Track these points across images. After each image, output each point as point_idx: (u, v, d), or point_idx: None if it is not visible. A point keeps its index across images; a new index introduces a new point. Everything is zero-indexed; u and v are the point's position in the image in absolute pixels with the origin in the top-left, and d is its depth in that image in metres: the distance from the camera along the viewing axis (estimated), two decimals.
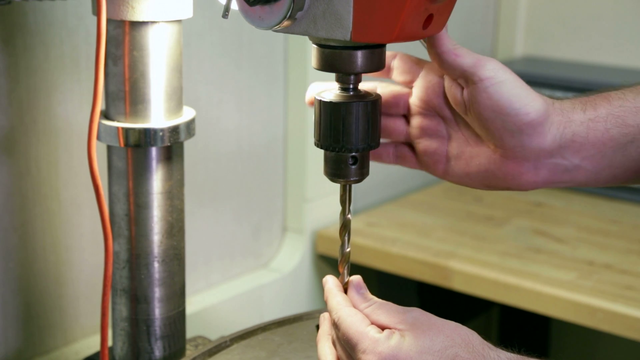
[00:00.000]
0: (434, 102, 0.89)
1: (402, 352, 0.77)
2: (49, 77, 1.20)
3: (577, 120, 0.84)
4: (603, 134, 0.84)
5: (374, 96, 0.84)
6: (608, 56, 2.05)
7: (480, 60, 0.83)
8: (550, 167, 0.85)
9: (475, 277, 1.53)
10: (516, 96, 0.82)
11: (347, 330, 0.80)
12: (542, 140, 0.83)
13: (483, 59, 0.83)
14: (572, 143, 0.84)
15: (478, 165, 0.87)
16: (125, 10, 0.96)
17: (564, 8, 2.12)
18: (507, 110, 0.82)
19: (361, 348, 0.78)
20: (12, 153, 1.18)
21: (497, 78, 0.82)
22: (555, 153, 0.84)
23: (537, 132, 0.83)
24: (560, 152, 0.84)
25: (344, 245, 0.88)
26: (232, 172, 1.54)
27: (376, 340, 0.78)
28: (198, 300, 1.50)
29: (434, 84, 0.88)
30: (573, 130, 0.84)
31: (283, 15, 0.79)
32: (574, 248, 1.63)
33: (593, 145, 0.84)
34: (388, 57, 0.89)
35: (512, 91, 0.82)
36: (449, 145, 0.89)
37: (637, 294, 1.44)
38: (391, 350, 0.77)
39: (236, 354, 1.00)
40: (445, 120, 0.89)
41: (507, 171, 0.86)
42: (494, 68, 0.82)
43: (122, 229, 1.04)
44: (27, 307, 1.24)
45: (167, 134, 1.01)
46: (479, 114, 0.83)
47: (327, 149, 0.84)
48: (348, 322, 0.81)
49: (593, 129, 0.84)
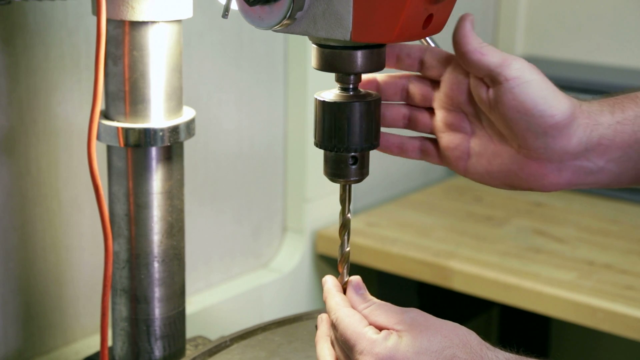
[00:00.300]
0: (459, 98, 0.87)
1: (400, 353, 0.77)
2: (49, 77, 1.20)
3: (605, 123, 0.83)
4: (630, 136, 0.83)
5: (374, 96, 0.84)
6: (608, 56, 2.05)
7: (506, 60, 0.81)
8: (574, 169, 0.84)
9: (475, 277, 1.53)
10: (542, 98, 0.81)
11: (345, 330, 0.80)
12: (567, 142, 0.82)
13: (509, 58, 0.81)
14: (598, 146, 0.83)
15: (500, 164, 0.86)
16: (125, 10, 0.96)
17: (564, 8, 2.12)
18: (532, 111, 0.81)
19: (359, 349, 0.78)
20: (12, 153, 1.18)
21: (523, 78, 0.81)
22: (580, 155, 0.83)
23: (562, 134, 0.82)
24: (586, 155, 0.83)
25: (344, 245, 0.88)
26: (232, 172, 1.54)
27: (373, 341, 0.78)
28: (198, 300, 1.50)
29: (459, 80, 0.87)
30: (600, 133, 0.83)
31: (283, 15, 0.79)
32: (574, 248, 1.63)
33: (619, 148, 0.83)
34: (418, 50, 0.88)
35: (538, 92, 0.81)
36: (472, 142, 0.88)
37: (637, 294, 1.44)
38: (388, 351, 0.77)
39: (236, 354, 1.00)
40: (469, 117, 0.87)
41: (529, 172, 0.84)
42: (520, 67, 0.81)
43: (122, 229, 1.04)
44: (27, 307, 1.24)
45: (167, 134, 1.01)
46: (503, 114, 0.82)
47: (327, 149, 0.84)
48: (346, 323, 0.81)
49: (620, 132, 0.83)
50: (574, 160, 0.83)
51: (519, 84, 0.81)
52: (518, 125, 0.82)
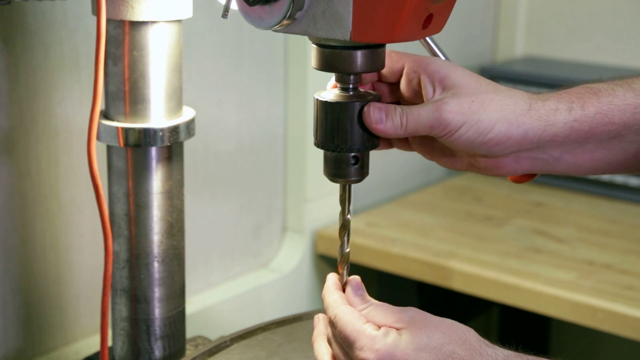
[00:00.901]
0: None
1: (399, 350, 0.77)
2: (48, 77, 1.20)
3: (559, 122, 0.84)
4: (586, 132, 0.85)
5: (374, 96, 0.84)
6: (608, 56, 2.05)
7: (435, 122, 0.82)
8: (529, 159, 0.86)
9: (475, 277, 1.53)
10: (474, 133, 0.82)
11: (344, 328, 0.80)
12: (517, 146, 0.84)
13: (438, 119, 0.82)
14: (551, 142, 0.85)
15: (461, 163, 0.89)
16: (125, 10, 0.96)
17: (564, 8, 2.12)
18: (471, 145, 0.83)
19: (358, 345, 0.78)
20: (12, 153, 1.18)
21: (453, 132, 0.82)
22: (533, 149, 0.85)
23: (508, 144, 0.84)
24: (539, 149, 0.85)
25: (344, 246, 0.88)
26: (232, 172, 1.54)
27: (373, 337, 0.78)
28: (198, 300, 1.50)
29: None
30: (553, 132, 0.84)
31: (283, 15, 0.79)
32: (574, 248, 1.63)
33: (574, 142, 0.85)
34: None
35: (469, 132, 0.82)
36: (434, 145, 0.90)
37: (637, 294, 1.44)
38: (388, 347, 0.77)
39: (236, 354, 1.00)
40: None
41: (486, 165, 0.87)
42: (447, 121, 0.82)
43: (122, 229, 1.04)
44: (27, 307, 1.24)
45: (167, 133, 1.01)
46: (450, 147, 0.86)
47: (327, 149, 0.84)
48: (345, 320, 0.81)
49: (576, 129, 0.84)
50: (528, 153, 0.85)
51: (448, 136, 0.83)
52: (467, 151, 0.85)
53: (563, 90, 0.87)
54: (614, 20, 2.05)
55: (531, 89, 2.00)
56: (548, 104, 0.85)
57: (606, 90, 0.86)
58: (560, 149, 0.85)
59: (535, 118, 0.84)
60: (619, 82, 0.88)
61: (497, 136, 0.83)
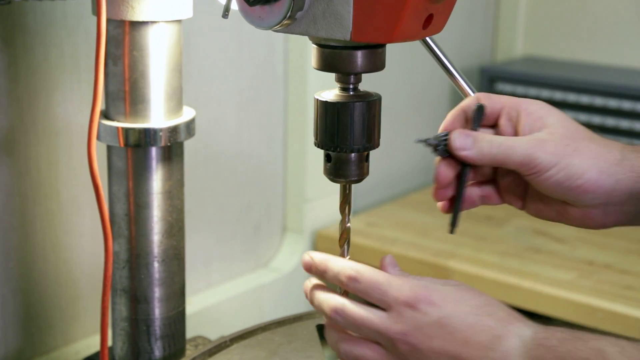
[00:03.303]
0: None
1: (440, 295, 0.75)
2: (49, 77, 1.20)
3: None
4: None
5: (374, 96, 0.84)
6: (608, 56, 2.05)
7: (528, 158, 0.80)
8: (619, 213, 0.84)
9: (475, 277, 1.53)
10: (564, 177, 0.81)
11: (373, 277, 0.77)
12: (606, 197, 0.82)
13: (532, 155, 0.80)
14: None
15: (550, 211, 0.87)
16: (125, 10, 0.96)
17: (564, 8, 2.12)
18: (559, 188, 0.82)
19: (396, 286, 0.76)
20: (12, 153, 1.18)
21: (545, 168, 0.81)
22: (623, 203, 0.83)
23: (597, 193, 0.82)
24: (630, 202, 0.83)
25: (344, 254, 0.87)
26: (232, 172, 1.54)
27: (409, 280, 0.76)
28: (198, 300, 1.50)
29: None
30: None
31: (283, 15, 0.79)
32: (574, 248, 1.63)
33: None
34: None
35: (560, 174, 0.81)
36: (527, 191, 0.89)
37: (637, 294, 1.44)
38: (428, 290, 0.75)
39: (236, 354, 1.00)
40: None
41: (575, 216, 0.85)
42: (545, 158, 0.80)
43: (122, 229, 1.04)
44: (27, 307, 1.24)
45: (167, 134, 1.01)
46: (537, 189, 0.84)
47: (327, 149, 0.84)
48: (371, 271, 0.78)
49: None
50: (617, 206, 0.83)
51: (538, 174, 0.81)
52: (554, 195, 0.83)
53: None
54: (614, 20, 2.05)
55: (531, 89, 2.02)
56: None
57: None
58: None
59: (628, 169, 0.82)
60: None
61: (586, 182, 0.81)
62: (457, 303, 0.76)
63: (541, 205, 0.87)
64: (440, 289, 0.77)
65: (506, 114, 0.85)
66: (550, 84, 1.91)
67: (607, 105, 1.84)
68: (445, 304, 0.76)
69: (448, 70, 0.94)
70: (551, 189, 0.82)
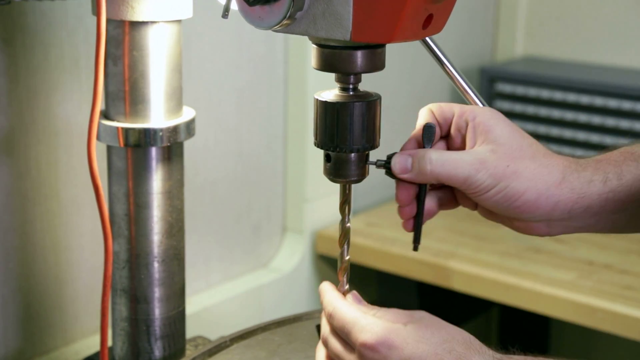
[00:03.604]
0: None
1: (400, 337, 0.77)
2: (48, 77, 1.20)
3: (593, 194, 0.83)
4: (624, 202, 0.83)
5: (374, 96, 0.84)
6: (608, 56, 2.05)
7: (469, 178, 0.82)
8: (563, 226, 0.86)
9: (475, 277, 1.53)
10: (502, 198, 0.83)
11: (344, 316, 0.80)
12: (546, 216, 0.84)
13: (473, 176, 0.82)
14: (584, 213, 0.84)
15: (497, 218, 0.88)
16: (125, 10, 0.96)
17: (564, 8, 2.12)
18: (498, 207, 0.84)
19: (358, 328, 0.78)
20: (12, 153, 1.18)
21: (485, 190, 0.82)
22: (565, 220, 0.85)
23: (536, 213, 0.84)
24: (572, 218, 0.85)
25: (344, 254, 0.88)
26: (232, 172, 1.54)
27: (373, 321, 0.78)
28: (198, 300, 1.50)
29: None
30: (587, 204, 0.83)
31: (283, 15, 0.79)
32: (574, 248, 1.63)
33: (610, 211, 0.84)
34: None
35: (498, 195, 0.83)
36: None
37: (636, 294, 1.44)
38: (388, 331, 0.77)
39: (236, 354, 1.00)
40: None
41: (522, 226, 0.87)
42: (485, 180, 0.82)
43: (122, 229, 1.04)
44: (27, 307, 1.24)
45: (167, 134, 1.01)
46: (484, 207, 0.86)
47: (327, 149, 0.84)
48: (344, 309, 0.80)
49: (612, 200, 0.83)
50: (560, 222, 0.85)
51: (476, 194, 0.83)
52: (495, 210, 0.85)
53: (603, 156, 0.86)
54: (614, 20, 2.05)
55: (531, 89, 2.01)
56: (583, 175, 0.84)
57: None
58: (595, 218, 0.85)
59: (568, 190, 0.83)
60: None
61: (525, 204, 0.83)
62: (417, 344, 0.77)
63: (489, 213, 0.89)
64: (400, 330, 0.78)
65: (455, 124, 0.86)
66: (550, 84, 1.91)
67: (607, 105, 1.84)
68: (405, 345, 0.77)
69: (448, 70, 0.94)
70: (492, 207, 0.84)
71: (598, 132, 1.86)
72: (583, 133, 1.88)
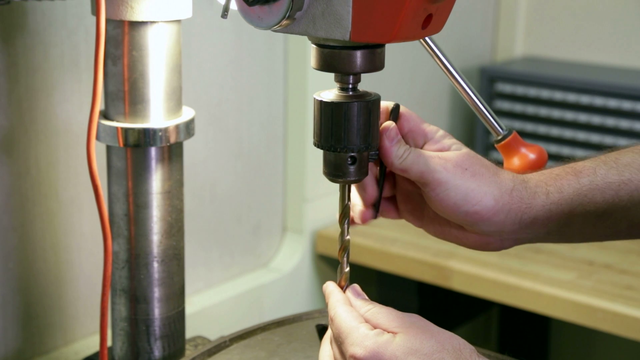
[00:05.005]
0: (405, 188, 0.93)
1: (389, 351, 0.77)
2: (48, 77, 1.20)
3: (538, 205, 0.85)
4: (567, 214, 0.86)
5: (373, 96, 0.84)
6: (608, 56, 2.05)
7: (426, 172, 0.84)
8: (514, 240, 0.88)
9: (475, 277, 1.53)
10: (462, 199, 0.84)
11: (340, 324, 0.81)
12: (500, 226, 0.85)
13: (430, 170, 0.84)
14: (532, 225, 0.86)
15: (449, 234, 0.90)
16: (125, 10, 0.96)
17: (564, 8, 2.12)
18: (456, 211, 0.85)
19: (350, 341, 0.79)
20: (12, 153, 1.18)
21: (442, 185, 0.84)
22: (516, 232, 0.87)
23: (492, 221, 0.85)
24: (522, 231, 0.87)
25: (343, 265, 0.88)
26: (232, 172, 1.54)
27: (365, 334, 0.79)
28: (198, 300, 1.50)
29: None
30: (533, 215, 0.86)
31: (282, 15, 0.79)
32: (574, 248, 1.63)
33: (557, 223, 0.87)
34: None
35: (458, 195, 0.84)
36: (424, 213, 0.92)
37: (636, 294, 1.44)
38: (378, 345, 0.78)
39: (236, 354, 1.00)
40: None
41: (474, 240, 0.89)
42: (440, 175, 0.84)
43: (122, 229, 1.04)
44: (27, 307, 1.24)
45: (167, 133, 1.01)
46: (435, 209, 0.87)
47: (326, 149, 0.84)
48: (342, 317, 0.81)
49: (555, 212, 0.86)
50: (512, 235, 0.87)
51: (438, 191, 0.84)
52: (451, 217, 0.86)
53: (547, 170, 0.89)
54: (614, 20, 2.05)
55: (531, 89, 2.01)
56: (528, 186, 0.86)
57: (588, 169, 0.87)
58: (544, 229, 0.87)
59: (517, 199, 0.85)
60: (603, 159, 0.88)
61: (483, 209, 0.84)
62: (406, 356, 0.77)
63: (439, 228, 0.91)
64: (389, 344, 0.78)
65: (412, 139, 0.89)
66: (550, 84, 1.91)
67: (607, 105, 1.84)
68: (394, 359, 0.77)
69: (448, 70, 0.94)
70: (449, 210, 0.85)
71: (598, 132, 1.86)
72: (583, 133, 1.88)
